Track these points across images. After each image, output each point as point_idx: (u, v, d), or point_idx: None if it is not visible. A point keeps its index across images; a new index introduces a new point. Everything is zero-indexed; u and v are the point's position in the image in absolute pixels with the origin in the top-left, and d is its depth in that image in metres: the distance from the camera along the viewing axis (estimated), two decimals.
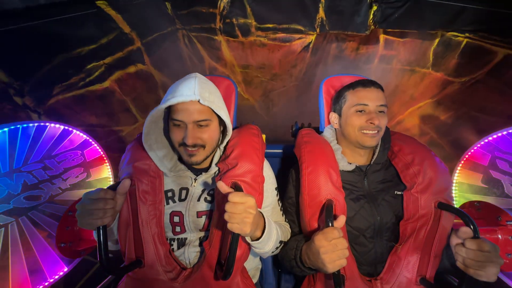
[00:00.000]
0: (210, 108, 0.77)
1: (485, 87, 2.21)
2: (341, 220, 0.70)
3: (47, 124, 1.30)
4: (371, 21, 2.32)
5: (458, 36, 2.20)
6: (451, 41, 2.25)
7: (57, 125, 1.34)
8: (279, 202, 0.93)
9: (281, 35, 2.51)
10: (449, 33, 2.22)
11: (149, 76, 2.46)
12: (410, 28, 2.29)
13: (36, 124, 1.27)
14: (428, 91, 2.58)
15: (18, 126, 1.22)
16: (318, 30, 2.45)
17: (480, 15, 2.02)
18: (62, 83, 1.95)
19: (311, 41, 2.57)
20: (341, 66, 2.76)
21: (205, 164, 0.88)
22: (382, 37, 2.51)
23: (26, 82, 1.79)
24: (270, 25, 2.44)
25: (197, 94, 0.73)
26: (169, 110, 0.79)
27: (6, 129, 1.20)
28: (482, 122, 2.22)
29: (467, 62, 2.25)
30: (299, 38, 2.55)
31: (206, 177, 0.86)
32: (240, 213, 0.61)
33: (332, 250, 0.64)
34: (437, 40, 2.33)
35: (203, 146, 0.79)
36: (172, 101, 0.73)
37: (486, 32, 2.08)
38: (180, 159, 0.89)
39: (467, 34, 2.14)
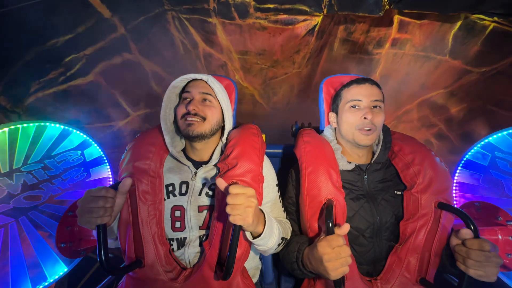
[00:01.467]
0: (214, 93, 0.89)
1: (506, 79, 2.02)
2: (345, 228, 0.69)
3: (47, 124, 1.30)
4: (386, 0, 2.03)
5: (485, 20, 1.93)
6: (475, 25, 1.99)
7: (57, 125, 1.33)
8: (280, 198, 0.94)
9: (283, 16, 2.23)
10: (474, 15, 1.95)
11: (138, 66, 2.23)
12: (431, 9, 1.99)
13: (36, 124, 1.27)
14: (442, 81, 2.39)
15: (18, 126, 1.22)
16: (325, 10, 2.16)
17: None
18: (39, 79, 1.78)
19: (317, 23, 2.29)
20: (348, 51, 2.53)
21: (205, 157, 0.91)
22: (396, 18, 2.24)
23: None
24: (271, 5, 2.15)
25: (207, 77, 0.89)
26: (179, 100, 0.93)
27: (6, 129, 1.19)
28: (498, 117, 2.09)
29: (490, 50, 2.02)
30: (304, 20, 2.27)
31: (206, 170, 0.88)
32: (241, 203, 0.63)
33: (336, 257, 0.64)
34: (458, 23, 2.07)
35: (204, 118, 0.85)
36: (185, 76, 0.88)
37: None
38: (184, 152, 0.94)
39: (495, 18, 1.88)
